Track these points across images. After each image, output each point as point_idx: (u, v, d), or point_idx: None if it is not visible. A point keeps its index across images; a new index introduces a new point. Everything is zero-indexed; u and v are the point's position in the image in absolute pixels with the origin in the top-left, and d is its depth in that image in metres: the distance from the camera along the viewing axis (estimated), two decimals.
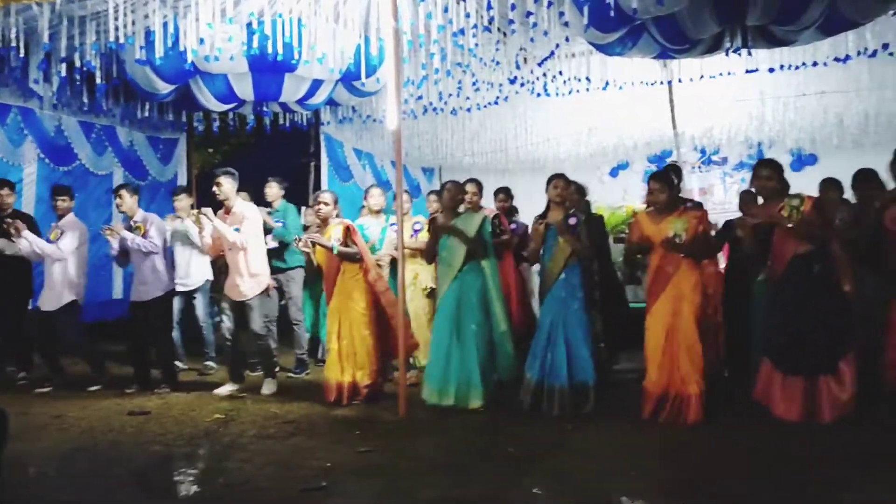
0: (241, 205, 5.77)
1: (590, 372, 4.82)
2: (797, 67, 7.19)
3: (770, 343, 4.65)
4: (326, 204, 5.71)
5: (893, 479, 3.29)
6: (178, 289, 6.53)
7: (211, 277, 6.80)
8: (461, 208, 5.45)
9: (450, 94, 7.60)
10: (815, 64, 7.06)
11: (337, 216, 5.70)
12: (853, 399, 4.31)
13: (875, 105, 8.25)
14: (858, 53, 6.83)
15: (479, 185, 6.36)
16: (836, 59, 6.94)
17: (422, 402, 5.08)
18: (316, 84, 6.82)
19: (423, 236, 5.93)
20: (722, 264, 6.34)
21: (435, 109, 8.06)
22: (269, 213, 6.76)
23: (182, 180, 9.09)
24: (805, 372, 4.42)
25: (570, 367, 4.82)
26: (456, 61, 6.47)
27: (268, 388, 5.77)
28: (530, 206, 6.29)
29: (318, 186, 9.27)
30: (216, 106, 7.11)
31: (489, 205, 6.91)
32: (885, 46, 6.64)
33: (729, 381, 5.38)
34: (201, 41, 5.34)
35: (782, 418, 4.41)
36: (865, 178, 5.45)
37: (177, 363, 6.53)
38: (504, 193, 6.87)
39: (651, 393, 4.63)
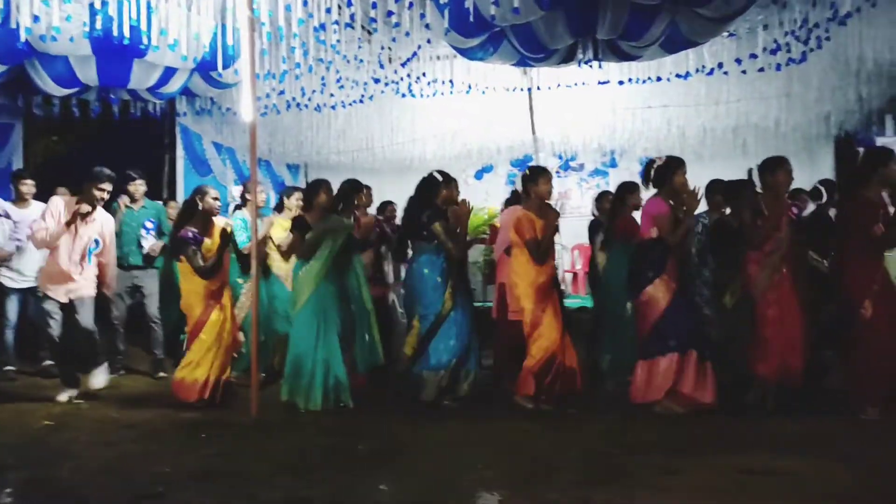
0: (101, 212, 5.37)
1: (473, 359, 4.98)
2: (644, 81, 7.71)
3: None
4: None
5: (723, 465, 3.52)
6: (10, 284, 5.99)
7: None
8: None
9: (313, 91, 7.49)
10: (658, 79, 7.59)
11: None
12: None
13: (712, 119, 8.97)
14: (697, 71, 7.42)
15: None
16: (678, 76, 7.50)
17: (278, 402, 4.95)
18: (169, 72, 6.48)
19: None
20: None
21: (299, 105, 7.93)
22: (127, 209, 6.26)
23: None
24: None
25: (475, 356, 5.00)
26: (318, 57, 6.39)
27: (97, 380, 5.34)
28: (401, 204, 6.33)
29: (172, 181, 8.84)
30: (56, 90, 6.59)
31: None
32: (721, 65, 7.24)
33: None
34: (36, 19, 4.93)
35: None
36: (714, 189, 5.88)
37: (7, 368, 5.99)
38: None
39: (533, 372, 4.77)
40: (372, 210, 6.61)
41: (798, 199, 5.88)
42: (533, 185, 5.01)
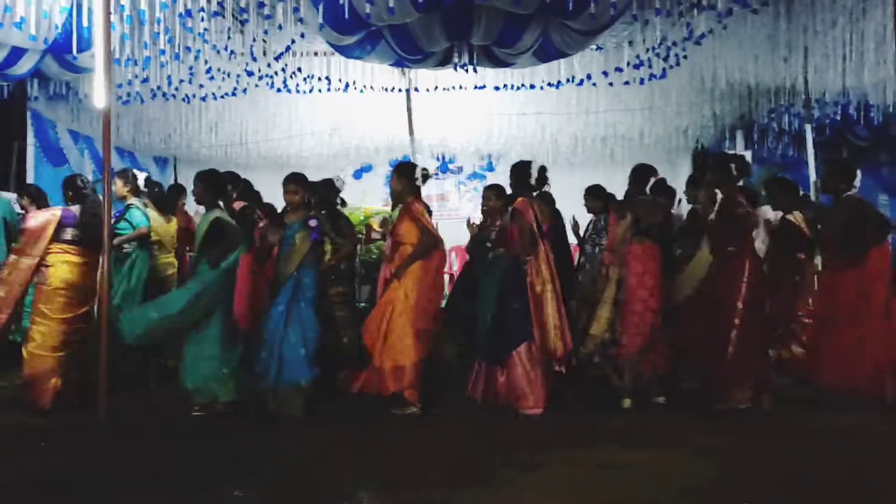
0: None
1: (304, 372, 4.74)
2: (518, 88, 7.90)
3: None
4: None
5: (581, 460, 3.65)
6: None
7: None
8: None
9: (181, 80, 7.13)
10: (532, 86, 7.81)
11: None
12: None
13: (582, 128, 9.35)
14: (568, 81, 7.70)
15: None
16: (550, 84, 7.74)
17: (130, 406, 4.66)
18: (16, 52, 5.97)
19: None
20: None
21: (165, 95, 7.52)
22: None
23: None
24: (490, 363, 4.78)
25: (281, 366, 4.69)
26: (186, 45, 6.10)
27: None
28: (276, 203, 6.13)
29: (22, 170, 8.15)
30: None
31: None
32: (590, 77, 7.54)
33: None
34: None
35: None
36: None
37: None
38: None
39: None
40: None
41: None
42: None
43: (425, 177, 5.12)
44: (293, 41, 6.16)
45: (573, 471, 3.50)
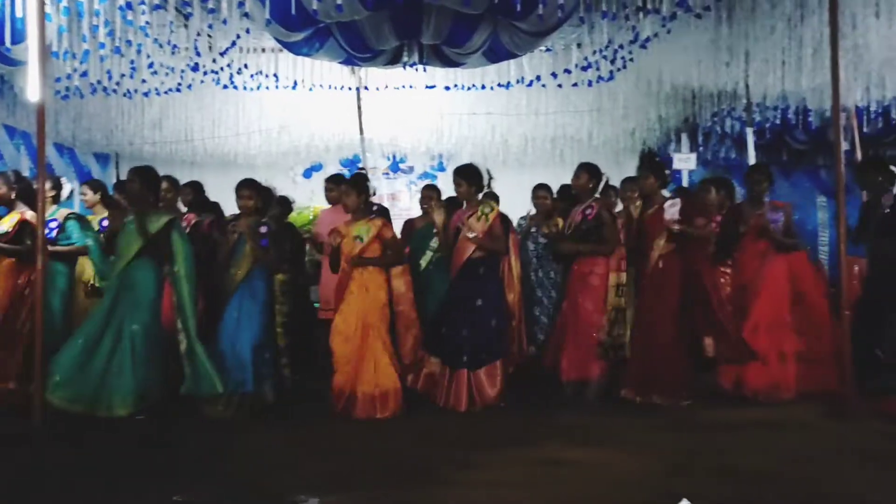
0: None
1: (248, 377, 4.67)
2: (468, 88, 7.92)
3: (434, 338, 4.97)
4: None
5: (517, 458, 3.69)
6: None
7: None
8: None
9: (122, 75, 6.92)
10: (483, 87, 7.83)
11: None
12: (500, 392, 4.78)
13: (532, 129, 9.42)
14: (518, 82, 7.74)
15: (173, 181, 5.81)
16: (500, 85, 7.78)
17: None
18: None
19: None
20: None
21: (106, 90, 7.28)
22: None
23: None
24: (462, 366, 4.78)
25: (234, 370, 4.65)
26: (127, 38, 5.93)
27: None
28: (222, 201, 6.02)
29: None
30: None
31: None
32: (539, 78, 7.61)
33: None
34: None
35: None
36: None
37: None
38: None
39: (341, 390, 4.67)
40: None
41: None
42: None
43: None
44: (238, 36, 6.04)
45: (512, 469, 3.52)
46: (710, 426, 4.33)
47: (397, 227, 6.65)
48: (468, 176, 5.09)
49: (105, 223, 5.45)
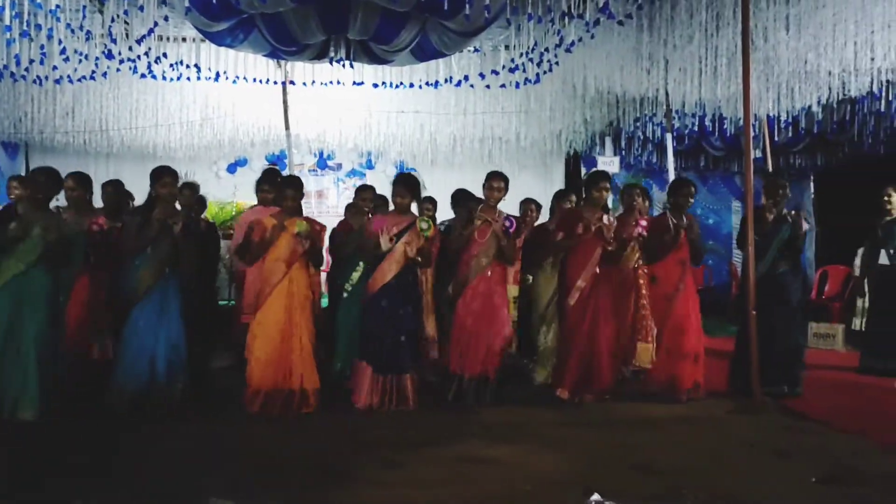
0: None
1: (161, 376, 4.56)
2: (397, 86, 7.89)
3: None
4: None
5: (440, 456, 3.69)
6: None
7: None
8: None
9: (31, 60, 6.56)
10: (411, 85, 7.82)
11: None
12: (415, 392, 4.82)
13: (461, 129, 9.46)
14: (446, 81, 7.76)
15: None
16: (428, 84, 7.79)
17: None
18: None
19: None
20: None
21: (14, 76, 6.90)
22: None
23: None
24: (392, 372, 4.80)
25: (150, 369, 4.54)
26: (37, 22, 5.63)
27: None
28: (139, 194, 5.74)
29: None
30: None
31: None
32: (467, 78, 7.64)
33: None
34: None
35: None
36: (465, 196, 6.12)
37: None
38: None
39: (258, 390, 4.60)
40: None
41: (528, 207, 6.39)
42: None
43: None
44: (157, 24, 5.81)
45: (434, 467, 3.52)
46: (629, 422, 4.45)
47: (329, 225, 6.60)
48: (412, 188, 5.05)
49: None
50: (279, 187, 5.21)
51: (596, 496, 2.99)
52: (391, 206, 5.29)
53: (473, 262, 4.95)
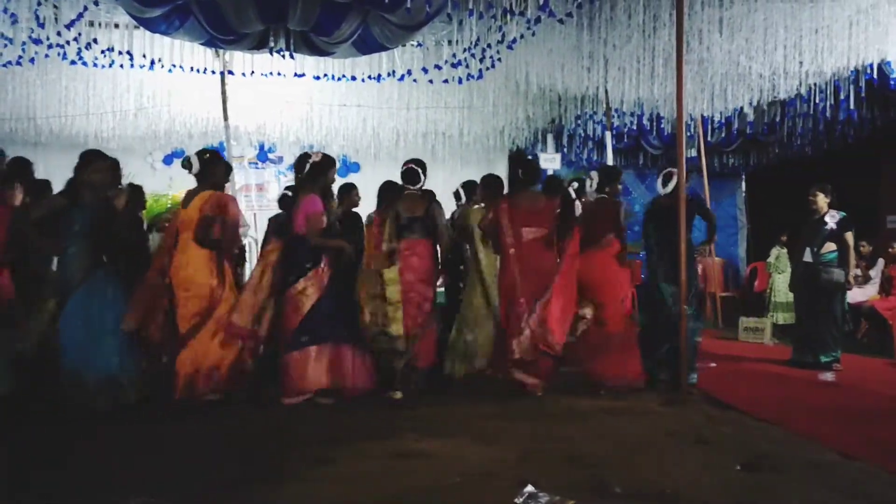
0: None
1: (113, 363, 4.49)
2: (339, 79, 7.80)
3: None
4: None
5: (373, 451, 3.66)
6: None
7: None
8: None
9: None
10: (353, 78, 7.75)
11: None
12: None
13: (404, 123, 9.43)
14: (389, 75, 7.71)
15: None
16: (371, 77, 7.72)
17: None
18: None
19: None
20: None
21: None
22: None
23: None
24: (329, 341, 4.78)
25: (89, 356, 4.45)
26: None
27: None
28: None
29: None
30: None
31: None
32: (410, 73, 7.61)
33: None
34: None
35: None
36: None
37: None
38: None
39: (183, 372, 4.58)
40: None
41: None
42: None
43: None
44: (86, 8, 5.63)
45: (365, 463, 3.49)
46: (560, 414, 4.51)
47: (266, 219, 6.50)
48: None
49: None
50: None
51: (530, 487, 3.02)
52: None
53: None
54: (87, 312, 4.48)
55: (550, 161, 9.20)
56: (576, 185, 5.71)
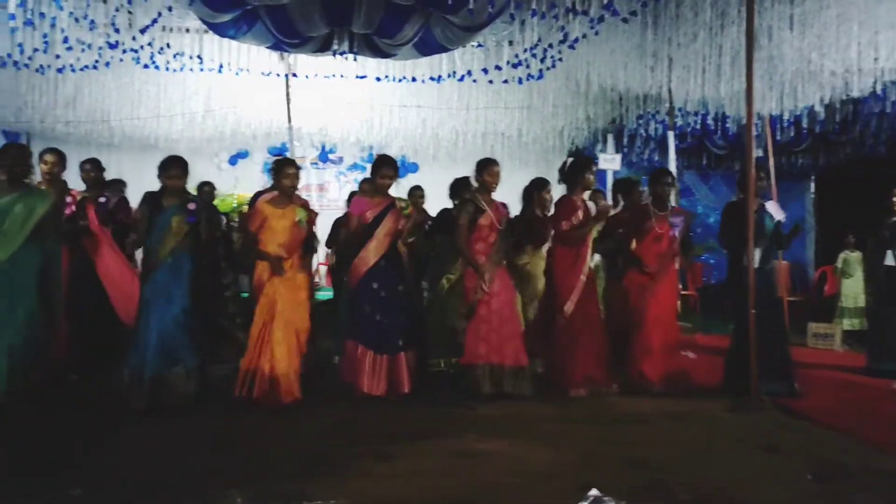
0: None
1: (187, 357, 4.56)
2: (400, 80, 7.88)
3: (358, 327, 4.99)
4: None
5: (434, 449, 3.69)
6: None
7: None
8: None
9: (35, 49, 6.57)
10: (414, 79, 7.81)
11: None
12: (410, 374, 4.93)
13: (463, 124, 9.45)
14: (449, 76, 7.74)
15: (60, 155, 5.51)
16: (432, 79, 7.77)
17: None
18: None
19: None
20: None
21: (17, 64, 6.91)
22: None
23: None
24: (387, 352, 4.87)
25: (162, 355, 4.51)
26: (40, 11, 5.65)
27: None
28: (140, 186, 5.75)
29: None
30: None
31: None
32: (470, 73, 7.62)
33: None
34: None
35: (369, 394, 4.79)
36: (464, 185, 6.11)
37: None
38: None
39: (246, 371, 4.64)
40: None
41: None
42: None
43: None
44: (160, 14, 5.83)
45: (425, 460, 3.51)
46: (622, 418, 4.45)
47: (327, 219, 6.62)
48: (397, 168, 5.29)
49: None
50: (277, 165, 5.11)
51: (594, 491, 2.99)
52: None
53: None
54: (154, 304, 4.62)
55: (610, 161, 9.08)
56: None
